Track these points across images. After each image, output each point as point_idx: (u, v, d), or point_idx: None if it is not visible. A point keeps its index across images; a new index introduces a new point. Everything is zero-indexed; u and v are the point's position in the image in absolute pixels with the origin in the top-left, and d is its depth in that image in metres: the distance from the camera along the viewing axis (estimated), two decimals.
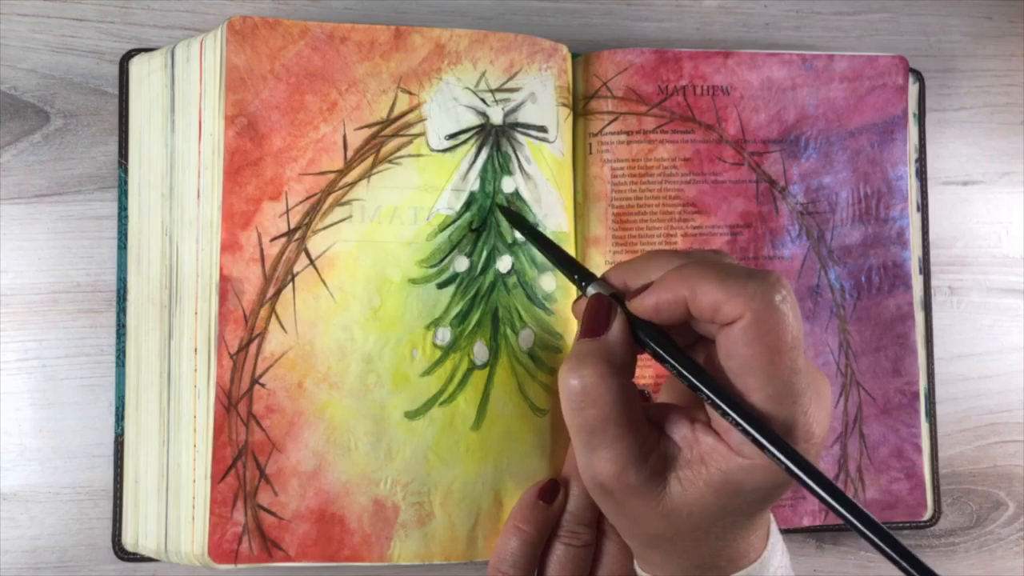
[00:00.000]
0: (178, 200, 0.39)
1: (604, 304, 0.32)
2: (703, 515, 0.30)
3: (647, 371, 0.42)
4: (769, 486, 0.29)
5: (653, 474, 0.30)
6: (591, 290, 0.33)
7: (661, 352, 0.30)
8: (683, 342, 0.32)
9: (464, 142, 0.40)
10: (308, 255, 0.38)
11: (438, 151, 0.40)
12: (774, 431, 0.28)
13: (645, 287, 0.31)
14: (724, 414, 0.28)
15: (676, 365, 0.30)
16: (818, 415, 0.29)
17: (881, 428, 0.43)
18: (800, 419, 0.28)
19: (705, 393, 0.29)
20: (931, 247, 0.46)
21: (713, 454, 0.29)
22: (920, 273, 0.45)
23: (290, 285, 0.38)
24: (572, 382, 0.30)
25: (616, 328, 0.31)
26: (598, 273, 0.34)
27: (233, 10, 0.43)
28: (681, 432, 0.31)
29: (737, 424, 0.28)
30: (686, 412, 0.31)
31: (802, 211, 0.43)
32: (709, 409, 0.30)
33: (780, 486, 0.30)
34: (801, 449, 0.28)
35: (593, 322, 0.31)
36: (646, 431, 0.30)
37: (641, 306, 0.31)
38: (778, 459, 0.27)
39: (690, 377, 0.29)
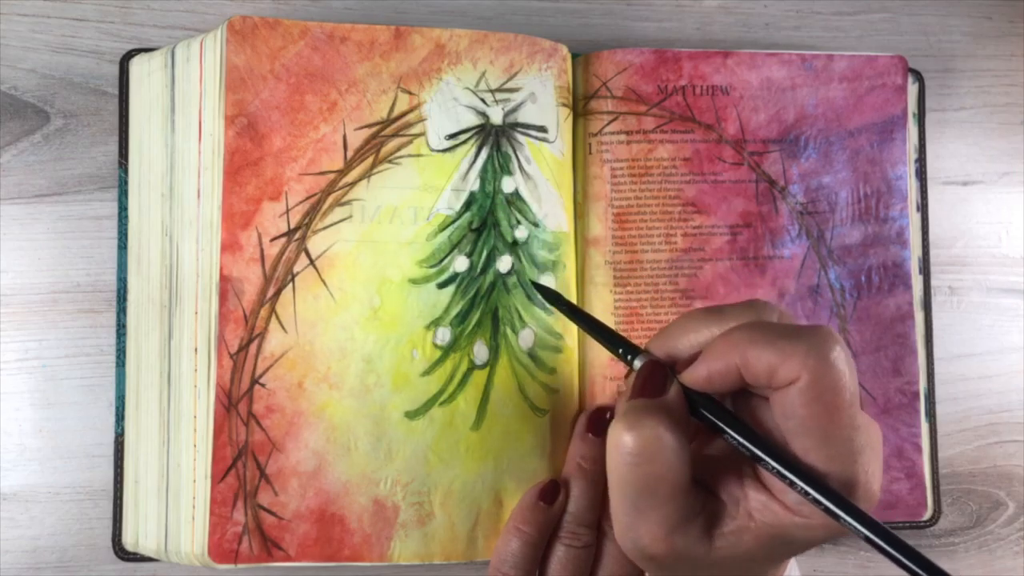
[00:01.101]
0: (178, 200, 0.39)
1: (660, 370, 0.30)
2: (747, 562, 0.29)
3: None
4: (824, 538, 0.29)
5: (700, 535, 0.29)
6: (638, 362, 0.31)
7: (721, 425, 0.29)
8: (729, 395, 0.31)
9: (464, 142, 0.40)
10: (308, 255, 0.38)
11: (438, 151, 0.40)
12: (844, 497, 0.27)
13: (693, 357, 0.30)
14: (792, 484, 0.27)
15: (739, 438, 0.29)
16: (876, 471, 0.28)
17: (881, 428, 0.43)
18: (861, 478, 0.28)
19: (771, 465, 0.28)
20: (931, 247, 0.46)
21: (765, 511, 0.29)
22: (920, 273, 0.45)
23: (290, 285, 0.38)
24: (626, 439, 0.28)
25: (673, 391, 0.30)
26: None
27: (233, 10, 0.43)
28: (729, 489, 0.30)
29: (806, 493, 0.27)
30: (732, 466, 0.30)
31: (802, 211, 0.43)
32: (759, 466, 0.29)
33: (827, 540, 0.29)
34: (863, 508, 0.28)
35: (647, 385, 0.30)
36: (694, 493, 0.29)
37: (693, 378, 0.30)
38: (854, 527, 0.27)
39: (754, 450, 0.28)
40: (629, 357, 0.32)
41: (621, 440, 0.28)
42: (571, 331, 0.41)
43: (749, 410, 0.30)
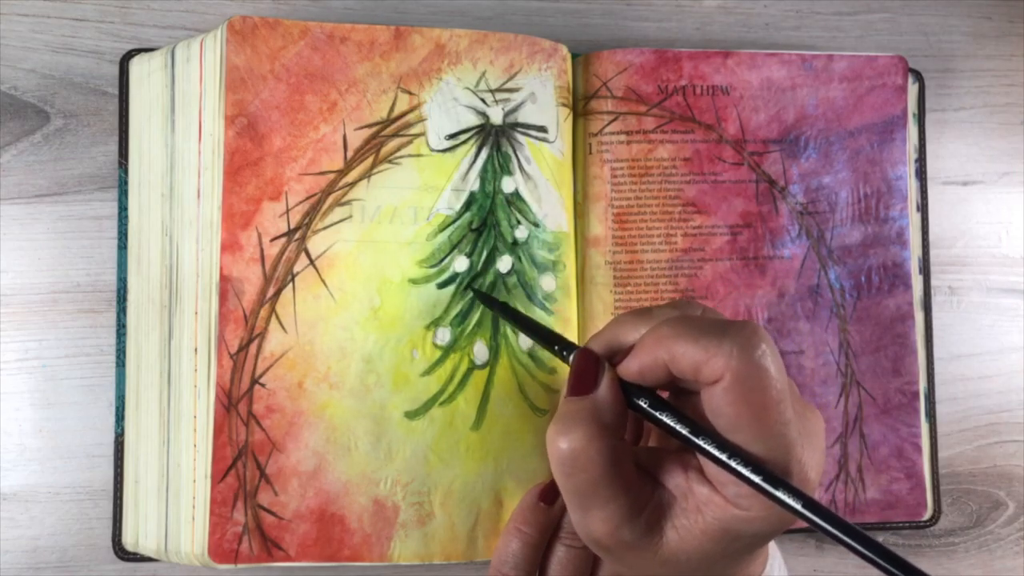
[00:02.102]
0: (178, 200, 0.39)
1: (591, 359, 0.31)
2: (701, 560, 0.30)
3: None
4: (768, 532, 0.29)
5: (648, 528, 0.29)
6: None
7: (652, 412, 0.30)
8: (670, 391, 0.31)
9: (464, 142, 0.40)
10: (308, 255, 0.38)
11: (438, 151, 0.40)
12: (774, 474, 0.27)
13: (627, 352, 0.30)
14: (723, 465, 0.27)
15: (671, 424, 0.29)
16: (812, 460, 0.28)
17: (881, 428, 0.43)
18: (795, 469, 0.28)
19: (701, 447, 0.28)
20: (931, 247, 0.46)
21: (709, 505, 0.29)
22: (920, 273, 0.45)
23: (290, 285, 0.38)
24: (561, 445, 0.29)
25: (604, 385, 0.30)
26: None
27: (233, 10, 0.43)
28: (675, 481, 0.30)
29: (748, 480, 0.27)
30: (679, 459, 0.30)
31: (802, 211, 0.43)
32: (701, 461, 0.29)
33: (779, 529, 0.29)
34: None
35: (580, 380, 0.30)
36: (639, 487, 0.30)
37: (626, 371, 0.30)
38: (786, 503, 0.26)
39: (686, 434, 0.28)
40: (565, 353, 0.33)
41: (557, 448, 0.29)
42: (571, 331, 0.41)
43: (691, 406, 0.30)
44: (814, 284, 0.43)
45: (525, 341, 0.40)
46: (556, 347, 0.34)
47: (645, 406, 0.30)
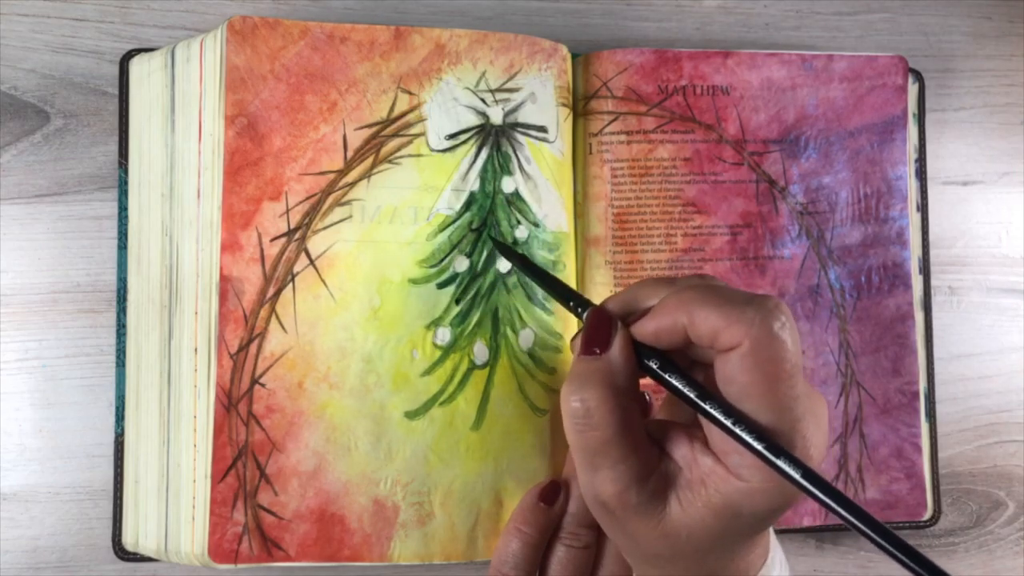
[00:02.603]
0: (178, 200, 0.39)
1: (605, 318, 0.31)
2: (703, 536, 0.30)
3: None
4: (768, 510, 0.29)
5: (654, 494, 0.30)
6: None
7: (662, 374, 0.30)
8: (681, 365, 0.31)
9: (464, 142, 0.40)
10: (308, 255, 0.38)
11: (438, 151, 0.40)
12: (778, 444, 0.27)
13: (643, 314, 0.31)
14: (734, 436, 0.28)
15: (678, 386, 0.29)
16: (816, 439, 0.29)
17: (881, 428, 0.43)
18: (799, 443, 0.28)
19: (712, 415, 0.28)
20: (931, 247, 0.46)
21: (712, 476, 0.29)
22: (920, 273, 0.45)
23: (290, 285, 0.38)
24: (574, 404, 0.30)
25: (617, 346, 0.30)
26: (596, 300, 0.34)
27: (233, 10, 0.43)
28: (681, 452, 0.30)
29: (750, 447, 0.27)
30: (686, 431, 0.31)
31: (802, 211, 0.43)
32: (707, 431, 0.30)
33: (779, 509, 0.29)
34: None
35: (594, 339, 0.31)
36: (647, 451, 0.30)
37: (640, 332, 0.30)
38: (786, 473, 0.26)
39: (692, 396, 0.29)
40: (580, 310, 0.33)
41: (570, 406, 0.30)
42: (571, 331, 0.41)
43: (699, 377, 0.31)
44: (814, 284, 0.43)
45: (525, 341, 0.40)
46: (572, 303, 0.34)
47: (655, 367, 0.30)
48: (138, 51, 0.41)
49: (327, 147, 0.38)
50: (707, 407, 0.28)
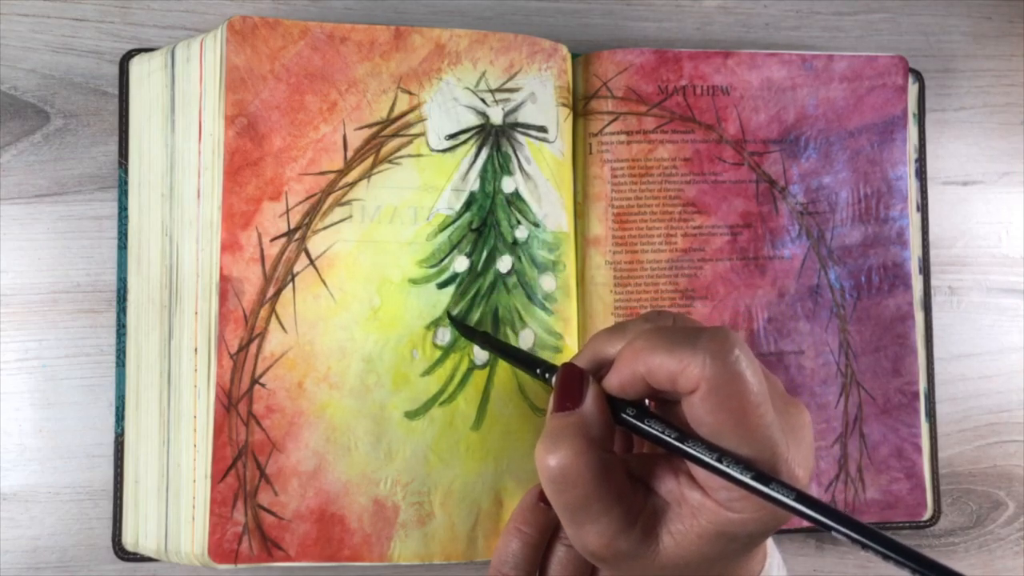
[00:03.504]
0: (178, 200, 0.39)
1: (575, 373, 0.31)
2: (700, 563, 0.30)
3: None
4: (763, 531, 0.29)
5: (643, 536, 0.29)
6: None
7: (642, 426, 0.29)
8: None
9: (464, 142, 0.40)
10: (308, 255, 0.38)
11: (438, 151, 0.40)
12: (770, 475, 0.27)
13: (610, 366, 0.30)
14: (721, 473, 0.27)
15: (661, 436, 0.29)
16: (799, 456, 0.28)
17: (881, 428, 0.43)
18: (783, 468, 0.28)
19: (696, 457, 0.28)
20: (931, 247, 0.46)
21: (702, 509, 0.29)
22: (920, 273, 0.45)
23: (290, 285, 0.38)
24: (550, 463, 0.29)
25: (590, 399, 0.30)
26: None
27: (233, 10, 0.43)
28: (667, 487, 0.30)
29: (739, 481, 0.27)
30: (669, 464, 0.30)
31: (802, 211, 0.43)
32: (691, 467, 0.29)
33: (774, 527, 0.29)
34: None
35: (565, 395, 0.30)
36: (631, 496, 0.30)
37: (608, 387, 0.30)
38: (785, 503, 0.26)
39: (677, 444, 0.28)
40: (547, 376, 0.33)
41: (546, 465, 0.29)
42: (571, 331, 0.41)
43: (676, 415, 0.30)
44: (814, 284, 0.43)
45: (525, 341, 0.40)
46: (538, 371, 0.34)
47: (630, 418, 0.30)
48: (138, 51, 0.41)
49: (327, 147, 0.38)
50: (689, 449, 0.28)
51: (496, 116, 0.40)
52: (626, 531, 0.29)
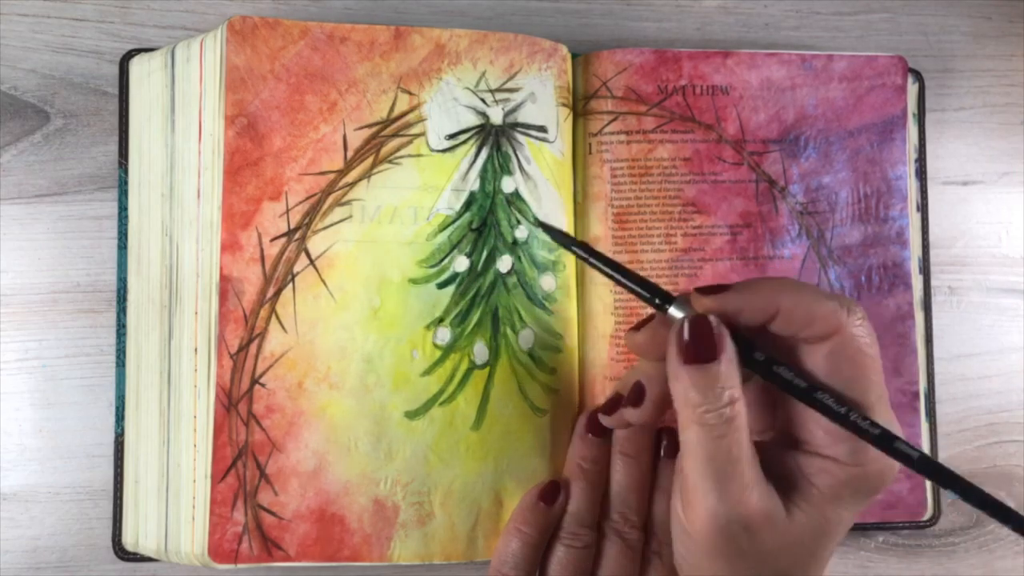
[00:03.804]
0: (178, 200, 0.39)
1: (709, 326, 0.30)
2: (819, 537, 0.30)
3: None
4: (873, 490, 0.30)
5: (781, 500, 0.30)
6: (675, 311, 0.31)
7: (774, 370, 0.30)
8: None
9: (464, 142, 0.40)
10: (308, 255, 0.38)
11: (438, 151, 0.40)
12: (894, 433, 0.28)
13: (724, 288, 0.30)
14: (848, 424, 0.28)
15: (793, 380, 0.29)
16: (891, 416, 0.30)
17: None
18: (896, 428, 0.29)
19: (838, 413, 0.29)
20: (931, 247, 0.46)
21: (820, 473, 0.30)
22: (920, 273, 0.45)
23: (290, 285, 0.38)
24: (712, 414, 0.29)
25: (730, 347, 0.30)
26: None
27: (233, 10, 0.43)
28: (783, 463, 0.31)
29: (866, 433, 0.28)
30: (777, 444, 0.32)
31: (802, 211, 0.43)
32: (807, 432, 0.30)
33: (880, 489, 0.30)
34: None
35: (703, 347, 0.30)
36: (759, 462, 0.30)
37: (722, 304, 0.30)
38: (908, 458, 0.28)
39: (815, 396, 0.29)
40: (664, 304, 0.31)
41: (705, 418, 0.29)
42: (571, 331, 0.41)
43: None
44: (814, 284, 0.43)
45: (525, 341, 0.40)
46: (656, 300, 0.32)
47: (762, 361, 0.30)
48: (138, 51, 0.41)
49: (327, 147, 0.38)
50: (820, 398, 0.29)
51: (496, 116, 0.40)
52: (765, 486, 0.30)
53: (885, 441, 0.28)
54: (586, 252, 0.34)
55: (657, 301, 0.32)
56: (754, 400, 0.33)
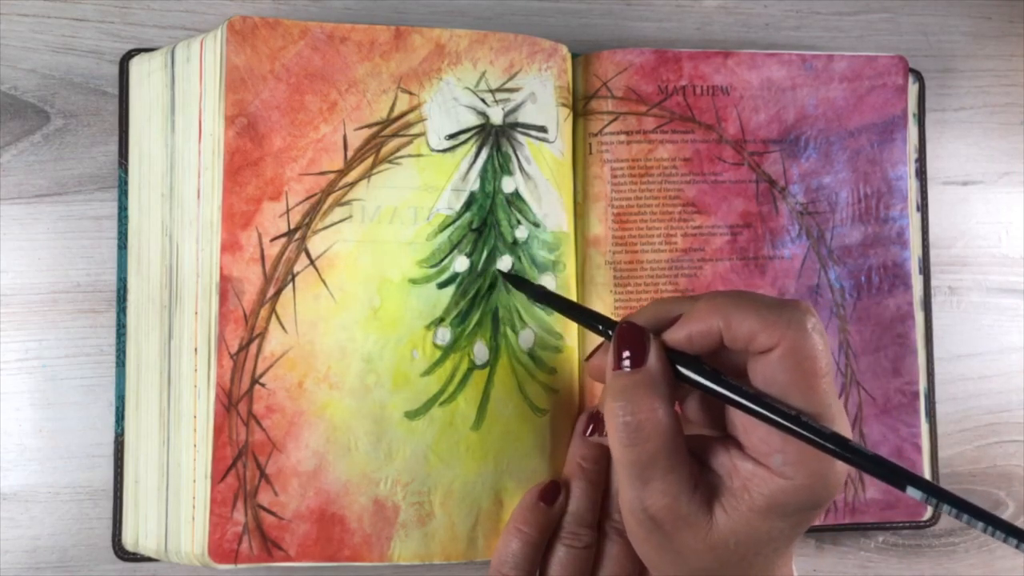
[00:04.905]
0: (178, 200, 0.39)
1: (637, 331, 0.31)
2: (748, 543, 0.30)
3: None
4: (812, 503, 0.30)
5: (702, 504, 0.30)
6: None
7: (705, 382, 0.30)
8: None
9: (464, 142, 0.40)
10: (308, 255, 0.38)
11: (438, 151, 0.40)
12: (825, 429, 0.28)
13: (671, 323, 0.31)
14: (792, 431, 0.28)
15: (729, 394, 0.30)
16: (845, 424, 0.30)
17: (881, 428, 0.43)
18: (847, 432, 0.29)
19: (764, 415, 0.29)
20: (931, 247, 0.46)
21: (754, 479, 0.30)
22: (920, 273, 0.45)
23: (290, 285, 0.38)
24: (625, 419, 0.30)
25: (654, 356, 0.31)
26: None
27: (233, 10, 0.43)
28: (719, 461, 0.31)
29: (813, 440, 0.28)
30: (720, 442, 0.32)
31: (802, 211, 0.43)
32: (744, 437, 0.30)
33: (823, 502, 0.30)
34: (839, 471, 0.29)
35: (630, 352, 0.31)
36: (691, 462, 0.31)
37: (673, 338, 0.31)
38: (858, 462, 0.28)
39: (746, 403, 0.29)
40: (608, 331, 0.33)
41: (620, 420, 0.30)
42: (571, 331, 0.41)
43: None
44: (814, 284, 0.43)
45: (525, 341, 0.40)
46: (600, 327, 0.34)
47: (690, 373, 0.31)
48: (138, 51, 0.41)
49: (327, 147, 0.38)
50: (754, 406, 0.29)
51: (496, 116, 0.40)
52: (689, 493, 0.30)
53: (800, 430, 0.28)
54: (537, 295, 0.38)
55: (600, 327, 0.34)
56: (704, 396, 0.33)
